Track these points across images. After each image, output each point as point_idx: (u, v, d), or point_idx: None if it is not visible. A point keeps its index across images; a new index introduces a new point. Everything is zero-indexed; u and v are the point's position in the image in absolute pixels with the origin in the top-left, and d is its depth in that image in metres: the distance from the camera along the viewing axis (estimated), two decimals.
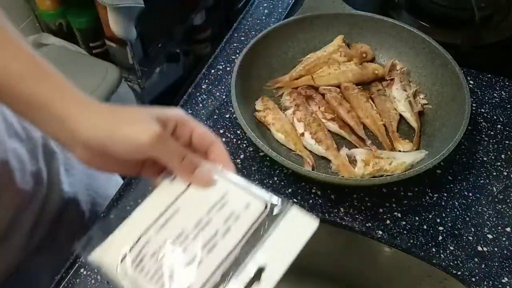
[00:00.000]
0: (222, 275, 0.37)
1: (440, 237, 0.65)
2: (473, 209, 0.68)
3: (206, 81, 0.85)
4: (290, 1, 1.00)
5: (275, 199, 0.42)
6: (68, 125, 0.45)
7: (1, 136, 0.63)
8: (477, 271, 0.62)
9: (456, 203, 0.69)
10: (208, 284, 0.37)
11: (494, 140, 0.75)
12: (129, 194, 0.71)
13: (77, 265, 0.64)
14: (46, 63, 0.47)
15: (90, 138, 0.44)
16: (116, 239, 0.43)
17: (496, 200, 0.69)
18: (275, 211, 0.41)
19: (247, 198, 0.42)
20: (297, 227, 0.40)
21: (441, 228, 0.66)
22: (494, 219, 0.67)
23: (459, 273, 0.62)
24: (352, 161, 0.70)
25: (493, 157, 0.73)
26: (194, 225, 0.41)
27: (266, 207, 0.41)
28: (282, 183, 0.71)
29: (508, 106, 0.80)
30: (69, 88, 0.46)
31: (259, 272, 0.37)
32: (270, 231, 0.40)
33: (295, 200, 0.69)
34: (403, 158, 0.69)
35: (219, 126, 0.78)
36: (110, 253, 0.42)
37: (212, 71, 0.87)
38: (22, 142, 0.67)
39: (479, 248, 0.64)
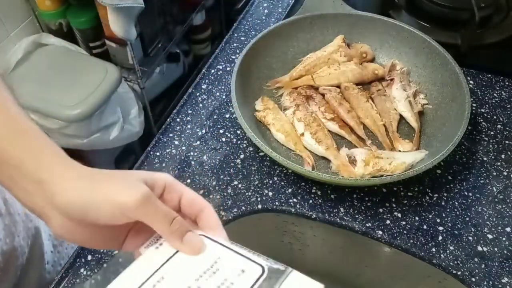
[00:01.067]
0: None
1: (440, 237, 0.65)
2: (473, 209, 0.68)
3: (206, 81, 0.85)
4: (290, 1, 1.00)
5: (273, 264, 0.37)
6: (45, 188, 0.40)
7: None
8: (477, 271, 0.62)
9: (456, 203, 0.69)
10: None
11: (494, 140, 0.75)
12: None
13: (77, 265, 0.64)
14: (26, 118, 0.43)
15: (70, 202, 0.39)
16: None
17: (496, 200, 0.69)
18: (274, 276, 0.35)
19: (242, 263, 0.37)
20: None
21: (441, 228, 0.66)
22: (494, 219, 0.67)
23: (459, 273, 0.62)
24: (352, 161, 0.70)
25: (493, 157, 0.73)
26: None
27: (263, 272, 0.36)
28: (282, 183, 0.71)
29: (508, 106, 0.80)
30: (48, 147, 0.42)
31: None
32: None
33: (295, 200, 0.69)
34: (403, 158, 0.69)
35: (219, 126, 0.78)
36: None
37: (212, 71, 0.87)
38: None
39: (479, 248, 0.64)
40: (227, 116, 0.80)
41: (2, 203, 0.63)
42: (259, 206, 0.68)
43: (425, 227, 0.66)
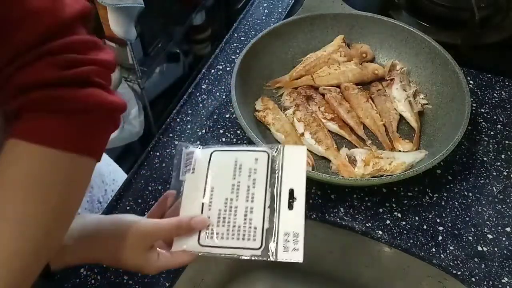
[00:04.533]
0: (270, 207, 0.50)
1: (440, 237, 0.65)
2: (473, 209, 0.68)
3: (206, 81, 0.85)
4: (290, 1, 1.00)
5: (270, 146, 0.54)
6: None
7: None
8: (477, 271, 0.62)
9: (456, 203, 0.69)
10: (266, 219, 0.50)
11: (494, 140, 0.75)
12: (128, 194, 0.71)
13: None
14: None
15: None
16: None
17: (496, 200, 0.69)
18: (275, 154, 0.53)
19: (252, 154, 0.53)
20: (294, 155, 0.52)
21: (441, 228, 0.66)
22: (494, 219, 0.67)
23: (459, 273, 0.62)
24: (352, 161, 0.70)
25: (493, 157, 0.73)
26: (231, 191, 0.52)
27: (268, 155, 0.52)
28: None
29: (508, 106, 0.80)
30: None
31: (292, 194, 0.50)
32: (280, 165, 0.52)
33: None
34: (403, 158, 0.69)
35: (219, 126, 0.78)
36: None
37: (212, 71, 0.87)
38: None
39: (479, 248, 0.64)
40: (227, 116, 0.80)
41: None
42: None
43: (425, 227, 0.66)
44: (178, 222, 0.51)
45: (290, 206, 0.50)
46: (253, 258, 0.49)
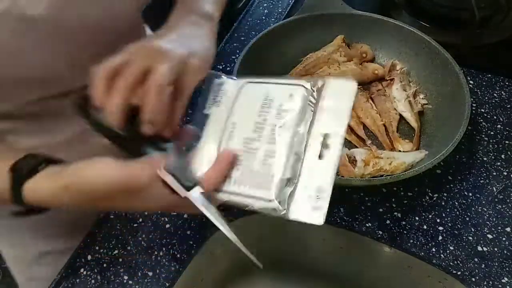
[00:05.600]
0: (296, 154, 0.42)
1: (440, 237, 0.65)
2: (473, 209, 0.68)
3: None
4: (290, 1, 1.00)
5: (314, 81, 0.45)
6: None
7: None
8: (477, 271, 0.62)
9: (456, 203, 0.69)
10: (288, 167, 0.41)
11: (494, 140, 0.75)
12: None
13: (77, 265, 0.64)
14: None
15: None
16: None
17: (496, 200, 0.69)
18: (315, 89, 0.44)
19: (287, 89, 0.45)
20: (340, 90, 0.43)
21: (441, 228, 0.66)
22: (494, 219, 0.67)
23: (459, 273, 0.62)
24: (352, 161, 0.70)
25: (493, 157, 0.73)
26: (253, 130, 0.44)
27: (306, 90, 0.44)
28: None
29: (508, 106, 0.80)
30: None
31: (326, 139, 0.42)
32: (319, 103, 0.43)
33: None
34: (403, 158, 0.69)
35: None
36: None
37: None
38: None
39: (479, 248, 0.64)
40: None
41: None
42: None
43: (425, 227, 0.66)
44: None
45: (321, 156, 0.41)
46: (262, 211, 0.41)
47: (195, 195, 0.44)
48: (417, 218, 0.67)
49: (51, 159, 0.48)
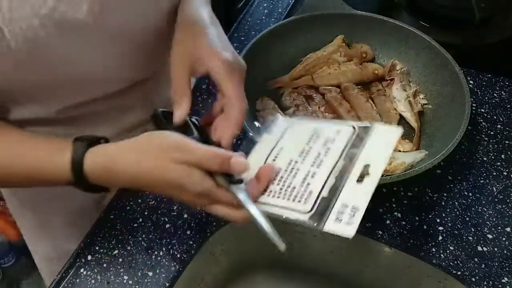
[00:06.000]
0: (336, 178, 0.46)
1: (440, 237, 0.65)
2: (473, 209, 0.68)
3: (206, 81, 0.85)
4: (290, 1, 1.00)
5: (360, 124, 0.50)
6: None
7: None
8: (477, 271, 0.62)
9: (456, 203, 0.69)
10: (326, 187, 0.46)
11: (494, 140, 0.75)
12: (128, 194, 0.71)
13: (77, 265, 0.64)
14: None
15: None
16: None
17: (496, 200, 0.69)
18: (362, 130, 0.49)
19: (335, 127, 0.50)
20: (385, 134, 0.48)
21: (441, 228, 0.66)
22: (494, 219, 0.67)
23: (459, 273, 0.62)
24: None
25: (493, 157, 0.73)
26: (299, 154, 0.49)
27: (354, 129, 0.49)
28: None
29: (508, 106, 0.80)
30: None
31: (366, 168, 0.46)
32: (365, 141, 0.48)
33: None
34: (403, 158, 0.69)
35: None
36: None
37: None
38: None
39: (479, 248, 0.64)
40: None
41: None
42: None
43: (425, 227, 0.66)
44: (214, 153, 0.47)
45: (360, 181, 0.45)
46: (297, 223, 0.45)
47: (241, 186, 0.47)
48: (417, 218, 0.67)
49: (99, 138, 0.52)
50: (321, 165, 0.47)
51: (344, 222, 0.43)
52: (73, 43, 0.53)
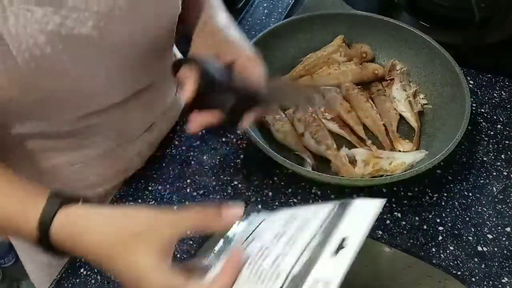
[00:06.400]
0: (310, 254, 0.43)
1: (440, 237, 0.65)
2: (473, 209, 0.68)
3: None
4: (290, 1, 1.00)
5: (340, 201, 0.47)
6: None
7: None
8: (477, 271, 0.62)
9: (456, 203, 0.69)
10: (298, 262, 0.43)
11: (494, 140, 0.75)
12: (128, 194, 0.71)
13: (77, 265, 0.64)
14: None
15: None
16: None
17: (496, 200, 0.69)
18: (341, 206, 0.46)
19: (313, 208, 0.48)
20: (366, 207, 0.45)
21: (441, 228, 0.66)
22: (494, 219, 0.67)
23: (459, 273, 0.62)
24: (352, 161, 0.70)
25: (493, 157, 0.73)
26: (271, 239, 0.47)
27: (334, 207, 0.46)
28: (282, 183, 0.71)
29: (508, 106, 0.80)
30: None
31: (343, 241, 0.43)
32: (343, 216, 0.45)
33: (295, 200, 0.69)
34: (403, 158, 0.69)
35: (219, 126, 0.78)
36: None
37: None
38: None
39: (479, 248, 0.64)
40: None
41: None
42: (259, 206, 0.68)
43: (425, 227, 0.66)
44: (203, 211, 0.45)
45: (335, 254, 0.43)
46: None
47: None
48: (417, 218, 0.67)
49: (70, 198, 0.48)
50: (294, 243, 0.45)
51: None
52: (78, 58, 0.53)
